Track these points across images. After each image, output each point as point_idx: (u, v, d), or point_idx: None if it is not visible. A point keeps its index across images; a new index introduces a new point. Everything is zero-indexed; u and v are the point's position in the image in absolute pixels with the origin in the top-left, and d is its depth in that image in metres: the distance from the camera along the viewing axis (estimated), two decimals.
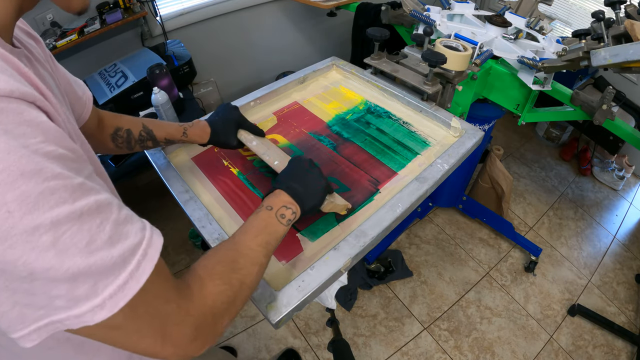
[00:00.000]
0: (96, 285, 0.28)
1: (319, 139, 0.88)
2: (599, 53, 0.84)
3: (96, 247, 0.27)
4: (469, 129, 0.88)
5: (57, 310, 0.28)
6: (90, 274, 0.27)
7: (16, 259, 0.25)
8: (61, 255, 0.26)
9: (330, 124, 0.93)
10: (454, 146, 0.83)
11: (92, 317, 0.28)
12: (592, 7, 2.01)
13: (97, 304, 0.28)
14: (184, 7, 1.81)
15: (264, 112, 0.97)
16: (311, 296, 0.57)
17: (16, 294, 0.26)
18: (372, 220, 0.66)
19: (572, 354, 1.48)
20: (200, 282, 0.39)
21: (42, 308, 0.28)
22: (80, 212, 0.27)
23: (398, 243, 1.82)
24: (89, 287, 0.27)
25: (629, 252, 1.89)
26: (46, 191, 0.25)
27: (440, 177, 0.75)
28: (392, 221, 0.66)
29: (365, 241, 0.62)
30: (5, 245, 0.24)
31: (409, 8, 1.29)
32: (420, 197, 0.71)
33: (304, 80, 1.08)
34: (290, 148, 0.86)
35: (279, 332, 1.48)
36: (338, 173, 0.80)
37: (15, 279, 0.25)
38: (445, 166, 0.77)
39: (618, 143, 1.91)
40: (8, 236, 0.24)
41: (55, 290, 0.26)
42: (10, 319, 0.28)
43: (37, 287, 0.26)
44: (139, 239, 0.31)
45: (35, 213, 0.25)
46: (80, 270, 0.27)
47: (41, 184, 0.25)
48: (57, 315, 0.28)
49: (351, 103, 1.01)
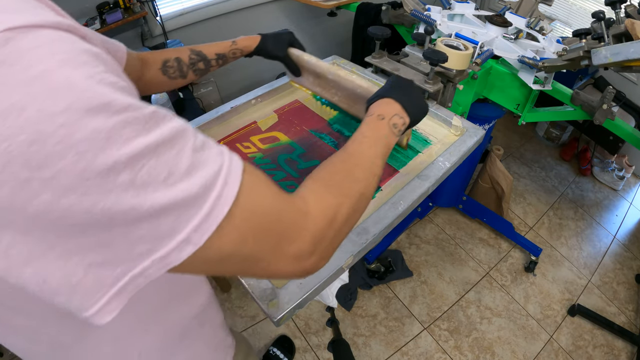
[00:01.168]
0: (179, 219, 0.25)
1: (320, 136, 0.88)
2: (600, 52, 0.84)
3: (175, 179, 0.25)
4: (470, 128, 0.88)
5: (139, 259, 0.25)
6: (173, 208, 0.25)
7: (91, 207, 0.22)
8: (141, 193, 0.23)
9: (331, 122, 0.93)
10: (455, 144, 0.83)
11: (178, 255, 0.26)
12: (592, 7, 2.01)
13: (182, 238, 0.25)
14: (184, 7, 1.81)
15: (265, 110, 0.97)
16: (313, 293, 0.57)
17: (91, 251, 0.24)
18: (373, 217, 0.66)
19: (572, 354, 1.48)
20: (317, 194, 0.36)
21: (122, 262, 0.25)
22: (156, 144, 0.24)
23: (398, 243, 1.82)
24: (172, 222, 0.25)
25: (629, 252, 1.89)
26: (118, 125, 0.22)
27: (441, 175, 0.75)
28: (394, 218, 0.66)
29: (367, 238, 0.62)
30: (78, 194, 0.21)
31: (409, 8, 1.29)
32: (422, 194, 0.71)
33: None
34: (291, 145, 0.86)
35: (279, 332, 1.48)
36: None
37: (90, 231, 0.23)
38: (446, 164, 0.77)
39: (618, 143, 1.92)
40: (80, 182, 0.21)
41: (136, 232, 0.24)
42: (85, 290, 0.25)
43: (116, 235, 0.24)
44: (218, 165, 0.28)
45: (108, 151, 0.22)
46: (162, 206, 0.24)
47: (111, 118, 0.22)
48: (139, 264, 0.25)
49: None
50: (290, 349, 1.43)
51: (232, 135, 0.88)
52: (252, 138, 0.87)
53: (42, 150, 0.20)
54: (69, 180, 0.21)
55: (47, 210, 0.21)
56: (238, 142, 0.85)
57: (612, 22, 0.91)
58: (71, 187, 0.21)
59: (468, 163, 1.62)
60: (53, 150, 0.20)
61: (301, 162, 0.81)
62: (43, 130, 0.20)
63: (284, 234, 0.32)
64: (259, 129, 0.90)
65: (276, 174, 0.77)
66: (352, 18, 1.87)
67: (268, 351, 1.40)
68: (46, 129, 0.20)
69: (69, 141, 0.21)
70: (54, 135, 0.20)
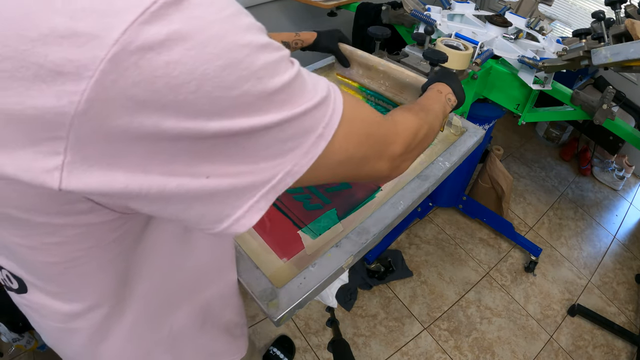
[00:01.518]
0: (315, 117, 0.30)
1: None
2: (600, 52, 0.84)
3: (312, 91, 0.30)
4: (470, 128, 0.88)
5: (289, 154, 0.29)
6: (313, 109, 0.29)
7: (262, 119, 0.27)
8: (295, 103, 0.28)
9: None
10: (455, 144, 0.83)
11: (315, 150, 0.30)
12: (592, 8, 2.01)
13: (319, 133, 0.30)
14: None
15: None
16: (313, 293, 0.57)
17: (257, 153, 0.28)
18: (373, 217, 0.66)
19: (572, 354, 1.48)
20: (404, 116, 0.46)
21: (275, 159, 0.29)
22: (297, 73, 0.29)
23: (398, 243, 1.82)
24: (311, 120, 0.30)
25: (629, 252, 1.89)
26: (278, 59, 0.28)
27: (441, 175, 0.75)
28: (394, 218, 0.66)
29: (367, 238, 0.62)
30: (255, 110, 0.26)
31: (409, 8, 1.29)
32: (422, 194, 0.71)
33: None
34: None
35: (279, 332, 1.48)
36: None
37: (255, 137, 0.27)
38: (446, 164, 0.77)
39: (618, 143, 1.91)
40: (258, 100, 0.26)
41: (289, 130, 0.28)
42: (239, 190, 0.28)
43: (275, 133, 0.28)
44: (325, 81, 0.33)
45: (276, 77, 0.27)
46: (308, 109, 0.29)
47: (274, 53, 0.27)
48: (287, 163, 0.29)
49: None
50: (290, 349, 1.43)
51: None
52: None
53: (233, 73, 0.24)
54: (250, 99, 0.25)
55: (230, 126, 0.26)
56: None
57: (612, 22, 0.91)
58: (251, 104, 0.26)
59: (468, 163, 1.62)
60: (241, 74, 0.25)
61: None
62: (235, 57, 0.24)
63: (385, 138, 0.39)
64: None
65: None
66: (352, 18, 1.87)
67: (268, 351, 1.40)
68: (237, 57, 0.24)
69: (252, 68, 0.25)
70: (243, 62, 0.25)
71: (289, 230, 0.68)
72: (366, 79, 0.95)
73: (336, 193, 0.75)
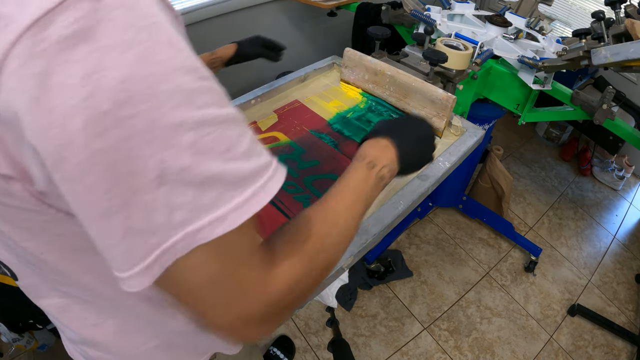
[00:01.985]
0: (223, 195, 0.26)
1: (320, 136, 0.89)
2: (600, 52, 0.84)
3: (233, 156, 0.26)
4: (470, 128, 0.88)
5: (174, 230, 0.25)
6: (222, 181, 0.25)
7: (151, 156, 0.23)
8: (199, 156, 0.24)
9: (331, 122, 0.93)
10: (455, 144, 0.83)
11: (211, 233, 0.25)
12: (592, 8, 2.01)
13: (220, 215, 0.26)
14: (184, 7, 1.81)
15: (265, 110, 0.97)
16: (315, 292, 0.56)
17: (134, 213, 0.24)
18: (373, 217, 0.66)
19: (572, 354, 1.48)
20: (288, 258, 0.33)
21: (158, 231, 0.25)
22: (225, 118, 0.26)
23: (398, 243, 1.82)
24: (216, 196, 0.25)
25: (629, 252, 1.89)
26: (200, 89, 0.24)
27: (441, 175, 0.75)
28: (394, 218, 0.66)
29: (367, 239, 0.62)
30: (144, 140, 0.22)
31: (409, 8, 1.29)
32: (422, 194, 0.71)
33: (304, 78, 1.08)
34: (291, 145, 0.86)
35: (279, 332, 1.48)
36: (339, 170, 0.80)
37: (140, 185, 0.23)
38: (446, 164, 0.77)
39: (618, 143, 1.91)
40: (150, 129, 0.22)
41: (181, 197, 0.24)
42: (120, 253, 0.25)
43: (162, 194, 0.24)
44: (269, 159, 0.29)
45: (184, 108, 0.23)
46: (214, 175, 0.25)
47: (197, 81, 0.24)
48: (174, 236, 0.25)
49: (352, 101, 1.01)
50: (290, 349, 1.43)
51: None
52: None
53: (130, 89, 0.21)
54: (142, 124, 0.22)
55: (110, 149, 0.22)
56: None
57: (612, 22, 0.91)
58: (141, 131, 0.22)
59: (468, 163, 1.62)
60: (139, 92, 0.22)
61: (301, 162, 0.81)
62: (137, 73, 0.22)
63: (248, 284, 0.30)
64: (259, 129, 0.90)
65: None
66: (352, 18, 1.87)
67: (268, 351, 1.40)
68: (140, 73, 0.22)
69: (155, 89, 0.22)
70: (145, 81, 0.22)
71: None
72: (371, 84, 0.96)
73: None
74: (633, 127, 1.16)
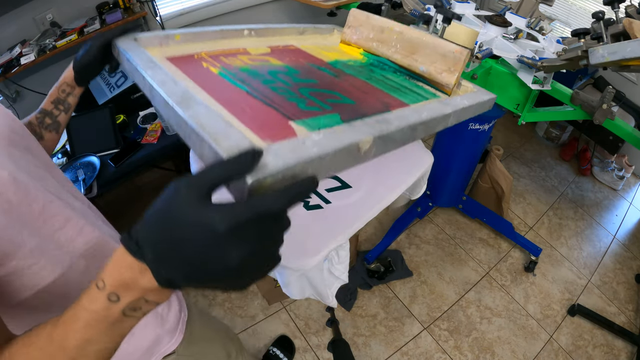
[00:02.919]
0: None
1: (319, 68, 0.76)
2: (597, 51, 0.84)
3: None
4: (480, 90, 0.82)
5: None
6: None
7: None
8: None
9: (332, 63, 0.84)
10: (467, 94, 0.77)
11: None
12: (592, 8, 2.02)
13: None
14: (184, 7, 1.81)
15: (258, 43, 0.84)
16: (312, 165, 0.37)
17: None
18: (395, 113, 0.54)
19: (572, 354, 1.48)
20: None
21: None
22: None
23: (398, 243, 1.82)
24: None
25: (629, 252, 1.89)
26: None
27: (461, 108, 0.65)
28: (417, 122, 0.54)
29: (387, 128, 0.49)
30: None
31: (409, 7, 1.30)
32: (444, 116, 0.61)
33: (303, 31, 0.97)
34: (285, 67, 0.72)
35: (279, 332, 1.48)
36: (340, 89, 0.67)
37: None
38: (465, 102, 0.67)
39: (618, 143, 1.92)
40: None
41: None
42: None
43: None
44: None
45: None
46: None
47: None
48: None
49: (354, 58, 0.92)
50: (290, 349, 1.43)
51: (217, 52, 0.74)
52: (240, 56, 0.73)
53: None
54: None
55: None
56: (224, 56, 0.72)
57: (611, 22, 0.91)
58: None
59: (468, 163, 1.62)
60: None
61: (296, 78, 0.68)
62: None
63: None
64: (249, 53, 0.77)
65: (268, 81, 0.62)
66: None
67: (268, 351, 1.40)
68: None
69: None
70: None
71: (278, 121, 0.50)
72: (375, 42, 0.90)
73: (337, 104, 0.58)
74: (633, 127, 1.16)
